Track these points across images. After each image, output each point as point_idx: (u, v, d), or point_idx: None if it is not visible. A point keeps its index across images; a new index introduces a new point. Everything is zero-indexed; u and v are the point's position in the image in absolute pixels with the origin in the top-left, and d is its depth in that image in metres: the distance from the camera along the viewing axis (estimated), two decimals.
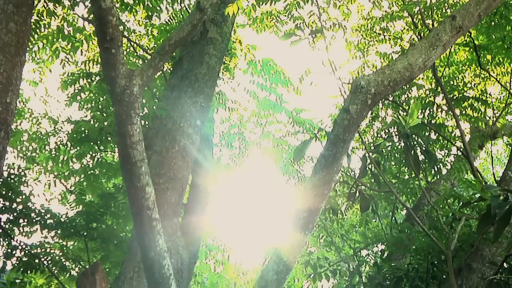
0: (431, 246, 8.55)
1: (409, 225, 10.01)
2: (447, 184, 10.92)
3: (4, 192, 9.68)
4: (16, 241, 9.97)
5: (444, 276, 8.77)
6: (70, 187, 12.23)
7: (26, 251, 10.03)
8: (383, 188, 9.99)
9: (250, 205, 15.61)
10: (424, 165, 9.46)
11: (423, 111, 11.06)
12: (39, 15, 10.78)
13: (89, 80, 11.21)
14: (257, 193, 15.29)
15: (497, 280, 7.05)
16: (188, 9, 11.44)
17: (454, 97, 11.02)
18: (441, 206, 8.74)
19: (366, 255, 12.21)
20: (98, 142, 11.32)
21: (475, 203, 7.14)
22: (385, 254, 10.50)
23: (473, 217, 8.23)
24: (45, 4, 10.69)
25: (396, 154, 10.93)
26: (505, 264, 7.51)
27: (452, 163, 11.27)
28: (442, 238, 8.48)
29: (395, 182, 11.14)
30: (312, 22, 11.83)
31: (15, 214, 9.82)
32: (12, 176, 10.03)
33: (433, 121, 11.03)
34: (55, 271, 10.26)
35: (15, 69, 6.40)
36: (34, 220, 9.89)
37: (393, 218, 11.82)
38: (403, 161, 10.28)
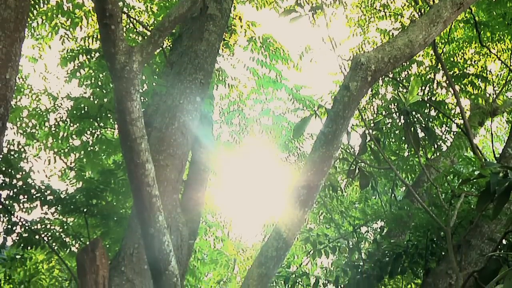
0: (431, 222, 8.56)
1: (409, 202, 10.02)
2: (447, 161, 10.93)
3: (4, 168, 9.69)
4: (16, 217, 9.99)
5: (443, 253, 8.79)
6: (70, 164, 12.23)
7: (26, 227, 10.05)
8: (383, 165, 9.99)
9: (250, 182, 15.64)
10: (424, 142, 9.46)
11: (423, 88, 11.04)
12: None
13: (88, 57, 11.18)
14: (256, 170, 15.31)
15: (496, 257, 7.06)
16: None
17: (454, 74, 11.00)
18: (440, 183, 8.75)
19: (365, 232, 12.24)
20: (98, 118, 11.31)
21: (475, 180, 7.15)
22: (385, 231, 10.52)
23: (473, 194, 8.24)
24: None
25: (396, 131, 10.92)
26: (504, 241, 7.52)
27: (452, 140, 11.26)
28: (441, 215, 8.50)
29: (395, 159, 11.14)
30: None
31: (15, 190, 9.83)
32: (12, 153, 10.03)
33: (433, 98, 11.01)
34: (55, 247, 10.29)
35: (14, 45, 6.37)
36: (34, 197, 9.91)
37: (393, 195, 11.83)
38: (403, 138, 10.27)
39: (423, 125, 8.68)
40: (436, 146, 10.13)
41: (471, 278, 7.14)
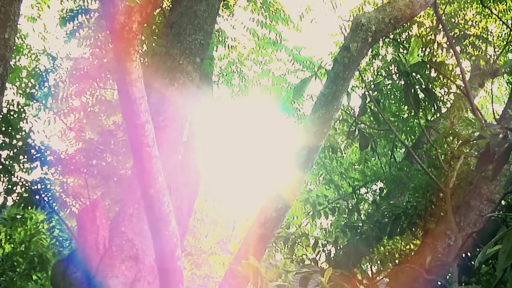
0: (430, 184, 8.58)
1: (408, 163, 10.04)
2: (447, 122, 10.91)
3: (4, 129, 9.70)
4: (17, 177, 10.02)
5: (442, 214, 8.81)
6: (70, 124, 12.22)
7: (27, 187, 10.09)
8: (383, 126, 9.99)
9: (250, 143, 15.63)
10: (423, 104, 9.43)
11: (424, 49, 10.99)
12: None
13: (87, 17, 11.11)
14: (256, 131, 15.29)
15: (494, 217, 7.10)
16: None
17: (455, 35, 10.94)
18: (440, 144, 8.75)
19: (364, 193, 12.27)
20: (98, 79, 11.28)
21: (474, 141, 7.16)
22: (384, 192, 10.55)
23: (472, 155, 8.25)
24: None
25: (396, 92, 10.90)
26: (503, 202, 7.55)
27: (452, 101, 11.24)
28: (440, 176, 8.51)
29: (395, 121, 11.13)
30: None
31: (15, 150, 9.86)
32: (12, 113, 10.04)
33: (433, 59, 10.96)
34: (56, 207, 10.34)
35: (13, 5, 6.33)
36: (34, 157, 9.94)
37: (392, 156, 11.83)
38: (403, 99, 10.25)
39: (423, 87, 8.67)
40: (436, 107, 10.09)
41: (470, 239, 7.18)
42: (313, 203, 10.60)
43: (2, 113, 9.62)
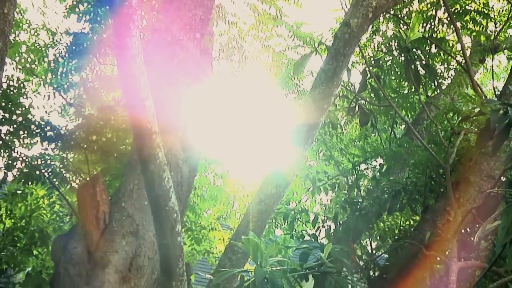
0: (430, 160, 8.58)
1: (408, 139, 10.03)
2: (447, 98, 10.88)
3: (3, 104, 9.69)
4: (17, 152, 10.02)
5: (442, 190, 8.83)
6: (70, 100, 12.21)
7: (27, 163, 10.09)
8: (383, 102, 9.98)
9: (250, 119, 15.62)
10: (424, 80, 9.42)
11: (424, 24, 10.95)
12: None
13: None
14: (256, 108, 15.27)
15: (494, 194, 7.11)
16: None
17: (456, 11, 10.89)
18: (440, 120, 8.74)
19: (364, 169, 12.27)
20: (97, 54, 11.26)
21: (475, 117, 7.15)
22: (384, 168, 10.55)
23: (472, 131, 8.24)
24: None
25: (396, 69, 10.87)
26: (502, 178, 7.55)
27: (452, 77, 11.21)
28: (440, 152, 8.51)
29: (395, 97, 11.11)
30: None
31: (15, 125, 9.86)
32: (11, 88, 10.02)
33: (434, 35, 10.93)
34: (56, 183, 10.35)
35: None
36: (34, 132, 9.93)
37: (392, 133, 11.82)
38: (403, 75, 10.23)
39: (424, 62, 8.64)
40: (436, 83, 10.09)
41: (469, 215, 7.20)
42: (313, 179, 10.62)
43: (1, 89, 9.61)
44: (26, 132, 9.92)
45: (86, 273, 6.18)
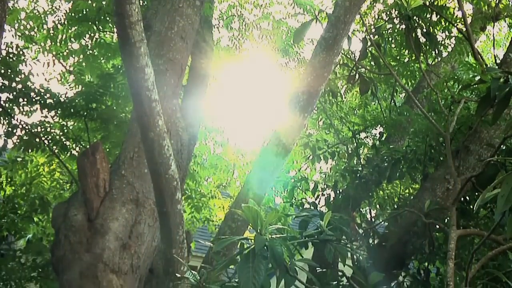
0: (430, 128, 8.58)
1: (408, 107, 10.02)
2: (447, 66, 10.86)
3: (3, 71, 9.67)
4: (17, 120, 10.02)
5: (441, 158, 8.84)
6: (69, 67, 12.19)
7: (27, 130, 10.10)
8: (383, 70, 9.95)
9: (250, 87, 15.61)
10: (424, 48, 9.38)
11: None
12: None
13: None
14: (256, 76, 15.26)
15: (494, 162, 7.11)
16: None
17: None
18: (440, 88, 8.72)
19: (364, 137, 12.27)
20: (97, 22, 11.21)
21: (475, 86, 7.13)
22: (384, 137, 10.54)
23: (473, 99, 8.23)
24: None
25: (396, 36, 10.82)
26: (502, 146, 7.55)
27: (453, 45, 11.17)
28: (440, 120, 8.51)
29: (395, 65, 11.07)
30: None
31: (14, 93, 9.84)
32: (11, 55, 9.99)
33: (435, 3, 10.87)
34: (56, 150, 10.36)
35: None
36: (33, 100, 9.92)
37: (392, 101, 11.81)
38: (404, 43, 10.19)
39: (424, 30, 8.61)
40: (437, 51, 10.04)
41: (469, 183, 7.20)
42: (312, 148, 10.61)
43: (1, 56, 9.58)
44: (25, 99, 9.91)
45: (87, 240, 6.20)
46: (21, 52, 10.18)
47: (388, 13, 11.07)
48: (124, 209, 6.43)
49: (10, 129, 10.01)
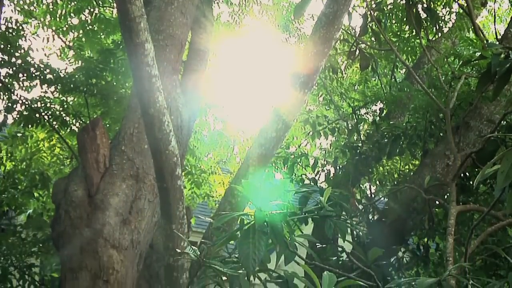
0: (430, 104, 8.58)
1: (409, 83, 10.01)
2: (448, 42, 10.83)
3: (2, 46, 9.64)
4: (16, 95, 10.01)
5: (441, 134, 8.85)
6: (69, 43, 12.15)
7: (27, 106, 10.09)
8: (384, 46, 9.93)
9: (250, 63, 15.58)
10: (425, 23, 9.36)
11: None
12: None
13: None
14: (256, 51, 15.22)
15: (494, 138, 7.12)
16: None
17: None
18: (441, 64, 8.71)
19: (364, 114, 12.28)
20: None
21: (476, 61, 7.12)
22: (384, 113, 10.55)
23: (473, 75, 8.23)
24: None
25: (397, 12, 10.79)
26: (502, 122, 7.56)
27: (453, 21, 11.13)
28: (441, 96, 8.51)
29: (396, 41, 11.04)
30: None
31: (14, 68, 9.82)
32: (10, 30, 9.96)
33: None
34: (56, 126, 10.36)
35: None
36: (33, 75, 9.90)
37: (393, 77, 11.80)
38: (405, 19, 10.15)
39: (425, 6, 8.58)
40: (437, 27, 10.01)
41: (469, 159, 7.22)
42: (313, 124, 10.61)
43: (0, 31, 9.56)
44: (25, 74, 9.89)
45: (87, 216, 6.21)
46: (20, 27, 10.16)
47: None
48: (124, 184, 6.43)
49: (10, 104, 10.00)
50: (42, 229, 10.85)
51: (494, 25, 10.84)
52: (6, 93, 9.92)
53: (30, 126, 10.30)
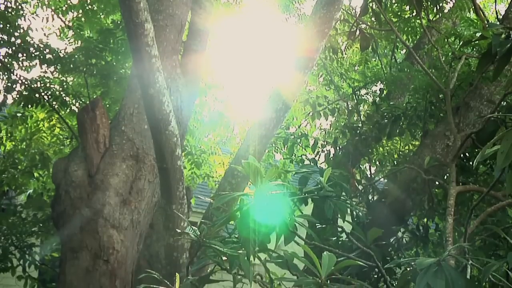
0: (430, 85, 8.57)
1: (409, 64, 9.99)
2: (449, 22, 10.80)
3: (1, 26, 9.61)
4: (16, 75, 10.00)
5: (441, 115, 8.85)
6: (68, 22, 12.11)
7: (26, 86, 10.08)
8: (384, 26, 9.90)
9: (250, 43, 15.52)
10: (426, 3, 9.33)
11: None
12: None
13: None
14: (256, 31, 15.16)
15: (494, 118, 7.12)
16: None
17: None
18: (441, 45, 8.69)
19: (365, 94, 12.26)
20: None
21: (476, 42, 7.11)
22: (384, 93, 10.53)
23: (473, 56, 8.21)
24: None
25: None
26: (503, 103, 7.55)
27: (454, 1, 11.10)
28: (441, 77, 8.49)
29: (396, 21, 11.01)
30: None
31: (13, 48, 9.81)
32: (9, 10, 9.93)
33: None
34: (56, 106, 10.35)
35: None
36: (33, 55, 9.89)
37: (393, 57, 11.77)
38: None
39: None
40: (438, 7, 9.99)
41: (469, 140, 7.22)
42: (313, 104, 10.61)
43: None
44: (25, 54, 9.88)
45: (87, 196, 6.22)
46: (19, 7, 10.13)
47: None
48: (124, 165, 6.44)
49: (9, 84, 9.99)
50: (42, 209, 10.88)
51: (495, 5, 10.79)
52: (6, 73, 9.91)
53: (29, 106, 10.29)
